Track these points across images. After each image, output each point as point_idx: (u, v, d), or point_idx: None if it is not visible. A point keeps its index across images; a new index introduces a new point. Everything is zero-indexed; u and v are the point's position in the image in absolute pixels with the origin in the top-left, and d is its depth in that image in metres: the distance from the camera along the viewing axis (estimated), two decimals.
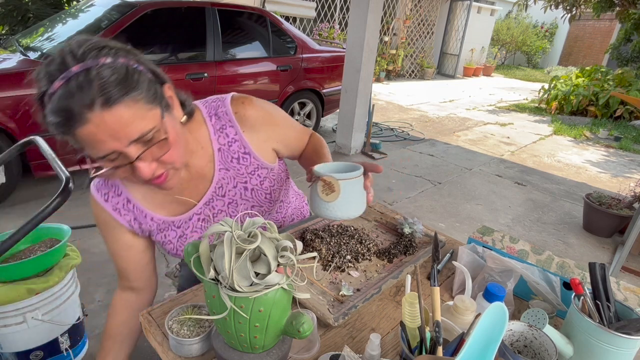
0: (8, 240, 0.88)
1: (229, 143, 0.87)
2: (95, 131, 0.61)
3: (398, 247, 1.05)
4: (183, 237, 0.90)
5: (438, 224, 3.00)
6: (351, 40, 3.98)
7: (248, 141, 0.88)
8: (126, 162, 0.67)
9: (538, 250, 0.98)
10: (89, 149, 0.65)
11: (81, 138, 0.63)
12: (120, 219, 0.85)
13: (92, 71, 0.60)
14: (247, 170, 0.90)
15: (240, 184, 0.91)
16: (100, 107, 0.60)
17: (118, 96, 0.61)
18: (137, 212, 0.86)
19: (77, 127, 0.61)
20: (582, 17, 8.96)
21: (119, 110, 0.62)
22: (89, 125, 0.61)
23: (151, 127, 0.66)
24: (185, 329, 0.72)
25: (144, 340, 1.69)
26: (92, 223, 2.54)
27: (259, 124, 0.89)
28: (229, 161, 0.88)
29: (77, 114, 0.60)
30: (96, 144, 0.63)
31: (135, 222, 0.86)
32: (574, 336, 0.70)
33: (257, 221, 0.61)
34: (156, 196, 0.86)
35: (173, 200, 0.87)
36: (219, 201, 0.91)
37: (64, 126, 0.61)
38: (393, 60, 9.90)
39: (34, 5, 4.35)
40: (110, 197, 0.84)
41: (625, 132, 6.29)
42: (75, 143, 0.65)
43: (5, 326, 1.11)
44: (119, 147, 0.64)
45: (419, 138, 5.25)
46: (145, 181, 0.72)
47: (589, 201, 3.02)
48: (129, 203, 0.85)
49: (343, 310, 0.80)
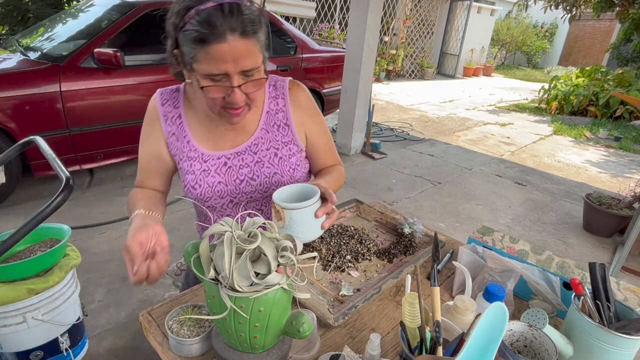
0: (8, 240, 0.88)
1: (276, 111, 1.01)
2: (226, 51, 0.75)
3: (398, 247, 1.05)
4: (206, 172, 0.97)
5: (438, 224, 3.00)
6: (351, 40, 3.98)
7: (291, 116, 1.01)
8: (228, 84, 0.80)
9: (538, 250, 0.98)
10: (207, 63, 0.76)
11: (210, 52, 0.75)
12: (164, 125, 0.96)
13: (241, 5, 0.75)
14: (282, 139, 1.01)
15: (273, 148, 1.00)
16: (238, 34, 0.74)
17: (251, 33, 0.76)
18: (180, 130, 0.97)
19: (214, 42, 0.74)
20: (582, 17, 8.95)
21: (247, 43, 0.76)
22: (224, 45, 0.74)
23: (257, 65, 0.81)
24: (185, 329, 0.72)
25: (144, 340, 1.70)
26: (92, 223, 2.54)
27: (302, 107, 1.03)
28: (271, 125, 1.00)
29: (221, 32, 0.73)
30: (217, 62, 0.76)
31: (173, 137, 0.97)
32: (574, 336, 0.70)
33: (257, 221, 0.61)
34: (201, 127, 0.97)
35: (212, 138, 0.97)
36: (249, 156, 0.99)
37: (203, 37, 0.74)
38: (393, 60, 9.90)
39: (34, 5, 4.35)
40: (166, 104, 0.97)
41: (625, 132, 6.29)
42: (195, 54, 0.76)
43: (5, 326, 1.11)
44: (232, 70, 0.77)
45: (419, 138, 5.25)
46: (227, 108, 0.84)
47: (589, 201, 3.02)
48: (179, 119, 0.97)
49: (343, 310, 0.80)
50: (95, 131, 2.80)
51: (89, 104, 2.74)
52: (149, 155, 0.99)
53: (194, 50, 0.76)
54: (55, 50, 2.78)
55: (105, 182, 3.12)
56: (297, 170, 1.03)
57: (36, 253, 1.13)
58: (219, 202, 0.99)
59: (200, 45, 0.75)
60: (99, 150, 2.88)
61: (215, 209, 1.01)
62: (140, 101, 2.96)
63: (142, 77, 2.95)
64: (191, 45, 0.76)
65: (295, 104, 1.02)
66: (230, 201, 1.00)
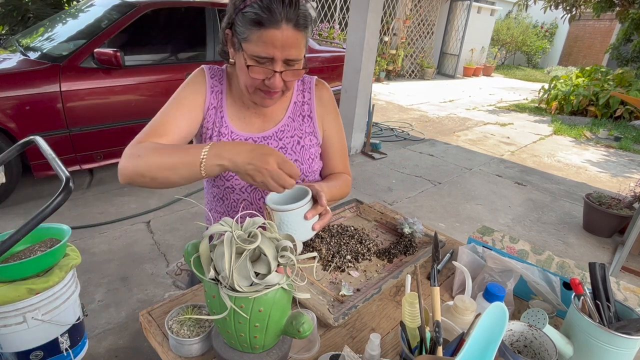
0: (8, 240, 0.88)
1: (302, 102, 1.09)
2: (278, 37, 0.82)
3: (398, 247, 1.05)
4: None
5: (438, 224, 3.00)
6: (351, 40, 3.97)
7: (315, 109, 1.10)
8: (270, 68, 0.86)
9: (538, 250, 0.98)
10: (258, 45, 0.83)
11: (263, 35, 0.82)
12: (209, 95, 1.01)
13: (299, 2, 0.83)
14: (306, 130, 1.09)
15: (296, 136, 1.07)
16: (292, 25, 0.82)
17: (302, 26, 0.84)
18: (219, 105, 1.02)
19: (270, 27, 0.81)
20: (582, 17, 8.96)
21: (297, 35, 0.84)
22: (277, 32, 0.81)
23: (300, 57, 0.88)
24: (185, 329, 0.72)
25: (144, 340, 1.70)
26: (92, 223, 2.54)
27: (324, 104, 1.11)
28: (297, 115, 1.08)
29: (278, 19, 0.80)
30: (267, 46, 0.83)
31: (213, 110, 1.02)
32: (574, 336, 0.70)
33: (257, 221, 0.61)
34: (235, 107, 1.03)
35: (242, 119, 1.04)
36: (274, 142, 1.05)
37: (261, 21, 0.80)
38: (393, 60, 9.90)
39: (34, 5, 4.35)
40: (214, 78, 1.03)
41: (625, 132, 6.29)
42: (249, 34, 0.83)
43: (5, 326, 1.11)
44: (278, 56, 0.84)
45: (419, 138, 5.25)
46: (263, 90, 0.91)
47: (589, 201, 3.02)
48: (220, 94, 1.03)
49: (343, 310, 0.80)
50: (95, 131, 2.80)
51: (89, 104, 2.74)
52: (182, 115, 0.97)
53: (248, 30, 0.83)
54: (55, 50, 2.78)
55: (105, 182, 3.12)
56: (314, 161, 1.10)
57: (36, 253, 1.13)
58: (239, 183, 1.02)
59: (256, 28, 0.81)
60: (99, 150, 2.88)
61: (234, 190, 1.04)
62: (141, 101, 2.96)
63: (142, 77, 2.94)
64: (247, 26, 0.82)
65: (319, 100, 1.10)
66: (250, 184, 1.01)
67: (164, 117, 0.95)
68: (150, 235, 2.49)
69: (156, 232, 2.53)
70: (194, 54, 3.43)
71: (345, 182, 1.12)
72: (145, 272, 2.14)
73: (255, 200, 1.06)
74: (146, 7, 2.99)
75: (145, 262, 2.23)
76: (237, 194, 1.05)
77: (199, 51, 3.40)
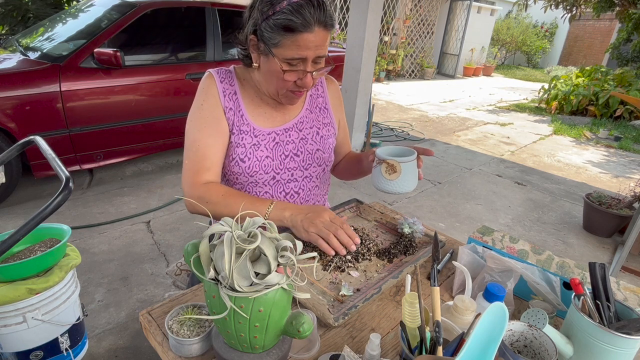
0: (8, 240, 0.88)
1: (317, 95, 1.16)
2: (311, 40, 0.85)
3: (398, 247, 1.05)
4: (256, 146, 1.04)
5: (438, 224, 3.00)
6: (351, 40, 3.97)
7: (329, 101, 1.17)
8: (302, 69, 0.90)
9: (538, 250, 0.98)
10: (292, 49, 0.86)
11: (298, 40, 0.84)
12: (223, 100, 1.02)
13: (325, 3, 0.86)
14: (323, 120, 1.15)
15: (315, 127, 1.13)
16: (323, 27, 0.86)
17: (330, 26, 0.88)
18: (236, 105, 1.03)
19: (303, 31, 0.84)
20: (582, 17, 8.96)
21: (327, 34, 0.88)
22: (311, 35, 0.85)
23: (326, 54, 0.92)
24: (185, 329, 0.72)
25: (144, 340, 1.70)
26: (92, 223, 2.54)
27: (334, 97, 1.19)
28: (314, 107, 1.14)
29: (310, 23, 0.84)
30: (300, 48, 0.86)
31: (230, 112, 1.03)
32: (574, 336, 0.70)
33: (257, 221, 0.61)
34: (252, 104, 1.05)
35: (262, 115, 1.06)
36: (295, 133, 1.09)
37: (295, 26, 0.83)
38: (393, 60, 9.90)
39: (34, 5, 4.35)
40: (224, 82, 1.03)
41: (625, 132, 6.29)
42: (280, 40, 0.85)
43: (5, 326, 1.11)
44: (310, 56, 0.88)
45: (419, 138, 5.25)
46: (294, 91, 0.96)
47: (589, 201, 3.02)
48: (235, 95, 1.04)
49: (343, 310, 0.80)
50: (95, 131, 2.80)
51: (89, 104, 2.74)
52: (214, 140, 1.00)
53: (280, 36, 0.85)
54: (55, 50, 2.78)
55: (105, 182, 3.12)
56: (332, 152, 1.16)
57: (36, 253, 1.13)
58: (262, 177, 1.05)
59: (290, 33, 0.84)
60: (99, 150, 2.88)
61: (257, 184, 1.07)
62: (140, 101, 2.96)
63: (142, 77, 2.94)
64: (279, 31, 0.85)
65: (331, 93, 1.18)
66: (273, 177, 1.07)
67: (201, 148, 0.99)
68: (150, 235, 2.49)
69: (156, 232, 2.53)
70: (194, 54, 3.42)
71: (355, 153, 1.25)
72: (145, 272, 2.14)
73: (276, 194, 1.10)
74: (146, 7, 3.00)
75: (145, 262, 2.23)
76: (260, 187, 1.08)
77: (198, 51, 3.40)
